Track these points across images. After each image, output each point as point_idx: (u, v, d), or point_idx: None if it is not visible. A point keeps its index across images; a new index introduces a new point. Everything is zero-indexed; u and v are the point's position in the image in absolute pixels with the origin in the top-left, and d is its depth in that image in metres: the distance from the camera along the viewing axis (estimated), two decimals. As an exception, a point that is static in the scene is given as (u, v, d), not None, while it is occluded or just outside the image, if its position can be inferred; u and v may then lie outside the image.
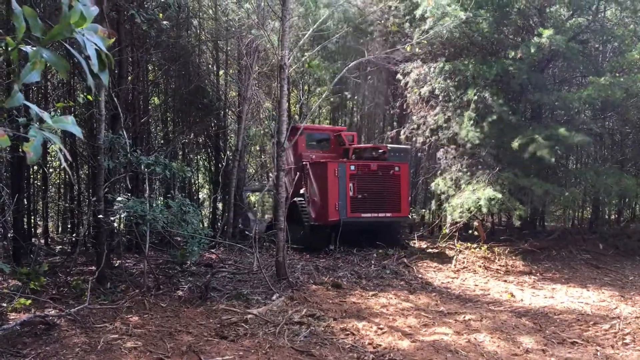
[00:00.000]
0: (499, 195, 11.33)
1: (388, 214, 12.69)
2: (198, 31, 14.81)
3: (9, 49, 1.87)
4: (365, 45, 14.35)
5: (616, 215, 17.32)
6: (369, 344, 6.60)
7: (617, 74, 11.96)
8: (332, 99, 16.17)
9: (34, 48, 1.89)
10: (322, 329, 7.07)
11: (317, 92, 19.31)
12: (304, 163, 13.25)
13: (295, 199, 13.03)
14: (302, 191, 13.12)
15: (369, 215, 12.43)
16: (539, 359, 6.25)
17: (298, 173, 13.38)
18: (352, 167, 12.36)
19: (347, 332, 6.98)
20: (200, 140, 16.32)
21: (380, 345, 6.53)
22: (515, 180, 11.76)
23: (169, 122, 16.05)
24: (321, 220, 12.32)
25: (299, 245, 12.51)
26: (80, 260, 11.09)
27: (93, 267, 9.56)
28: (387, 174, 12.80)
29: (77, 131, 2.10)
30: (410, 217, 13.75)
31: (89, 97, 8.41)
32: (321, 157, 13.44)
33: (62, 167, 15.23)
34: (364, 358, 6.08)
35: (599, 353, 6.49)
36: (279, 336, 6.78)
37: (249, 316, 7.47)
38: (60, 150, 2.09)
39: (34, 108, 1.96)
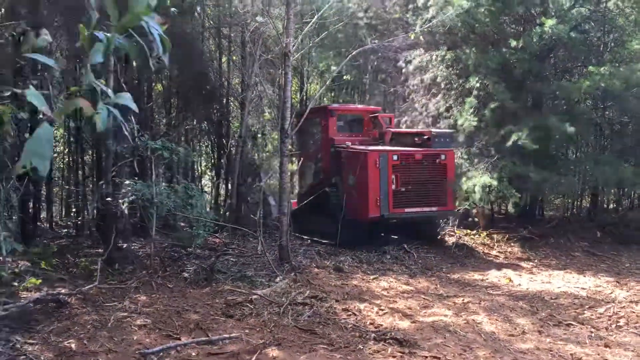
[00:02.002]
0: (495, 183, 11.49)
1: (434, 208, 11.54)
2: (202, 17, 14.89)
3: (86, 34, 2.07)
4: (368, 33, 14.47)
5: (614, 204, 17.48)
6: (371, 323, 6.82)
7: (618, 64, 12.10)
8: (333, 88, 16.27)
9: (108, 35, 2.09)
10: (325, 309, 7.29)
11: (317, 81, 19.48)
12: (337, 149, 12.20)
13: (327, 188, 12.17)
14: (334, 180, 12.13)
15: (413, 210, 11.23)
16: (534, 339, 6.48)
17: (330, 159, 12.44)
18: (395, 157, 11.14)
19: (349, 313, 7.21)
20: (203, 127, 16.45)
21: (381, 325, 6.76)
22: (514, 168, 11.94)
23: (173, 108, 16.17)
24: (359, 215, 11.17)
25: (331, 241, 11.66)
26: (86, 243, 11.32)
27: (99, 250, 9.77)
28: (433, 163, 11.57)
29: (134, 106, 2.34)
30: (457, 210, 12.45)
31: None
32: (355, 141, 12.36)
33: (65, 151, 15.42)
34: (366, 336, 6.30)
35: (592, 334, 6.72)
36: (283, 316, 7.01)
37: (254, 297, 7.69)
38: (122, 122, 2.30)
39: (101, 86, 2.16)
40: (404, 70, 13.91)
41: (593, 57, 13.51)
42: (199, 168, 18.19)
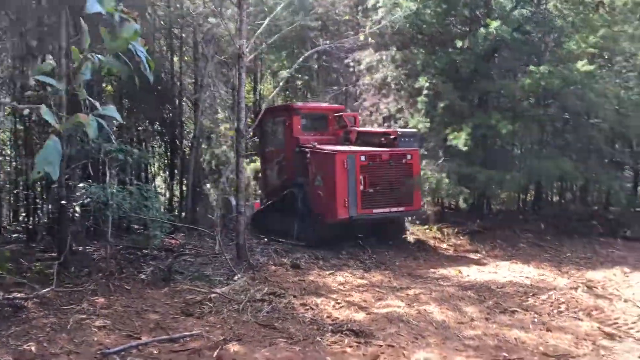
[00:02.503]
0: (446, 181, 11.94)
1: (401, 208, 11.46)
2: (153, 18, 14.81)
3: (80, 56, 2.29)
4: (319, 34, 14.71)
5: (557, 197, 18.29)
6: (328, 317, 7.07)
7: (557, 64, 12.70)
8: (287, 88, 16.44)
9: (102, 57, 2.33)
10: (283, 305, 7.50)
11: (270, 81, 19.64)
12: (303, 149, 11.94)
13: (292, 189, 11.96)
14: (300, 180, 11.88)
15: (381, 210, 11.13)
16: (482, 325, 6.85)
17: (294, 159, 12.18)
18: (363, 158, 10.99)
19: (307, 307, 7.43)
20: (156, 128, 16.35)
21: (338, 318, 7.01)
22: (459, 169, 12.38)
23: (124, 109, 16.01)
24: (328, 217, 11.00)
25: (299, 242, 11.45)
26: (38, 247, 11.17)
27: (53, 254, 9.69)
28: (400, 163, 11.46)
29: (118, 116, 2.63)
30: (423, 209, 12.49)
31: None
32: (319, 141, 12.11)
33: (12, 154, 15.08)
34: (324, 329, 6.54)
35: (536, 320, 7.15)
36: (243, 312, 7.18)
37: (213, 295, 7.83)
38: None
39: (91, 100, 2.38)
40: (354, 70, 14.20)
41: (535, 56, 14.14)
42: (152, 169, 18.07)
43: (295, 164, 12.10)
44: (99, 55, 2.51)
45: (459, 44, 12.59)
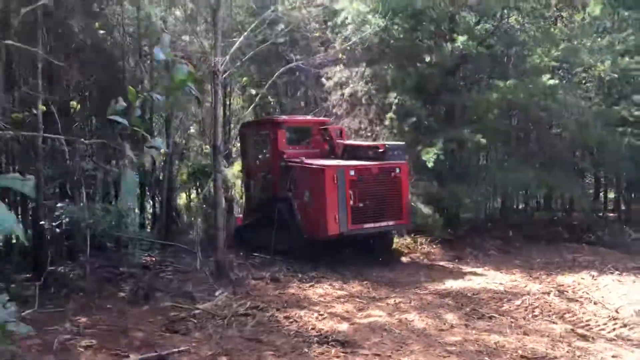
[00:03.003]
0: (420, 206, 12.27)
1: (390, 222, 11.38)
2: (122, 35, 14.78)
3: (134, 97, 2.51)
4: (290, 50, 14.91)
5: (523, 205, 18.85)
6: (312, 328, 7.20)
7: (521, 77, 13.19)
8: (259, 104, 16.53)
9: (161, 97, 2.55)
10: (267, 318, 7.60)
11: (240, 96, 19.74)
12: (289, 164, 11.76)
13: (278, 204, 11.71)
14: (286, 195, 11.69)
15: (371, 225, 11.03)
16: (462, 332, 7.09)
17: (280, 174, 11.94)
18: (352, 172, 10.83)
19: (291, 320, 7.55)
20: (128, 145, 16.23)
21: (322, 329, 7.15)
22: (430, 189, 12.68)
23: (92, 128, 15.87)
24: (318, 233, 10.87)
25: (288, 258, 11.30)
26: (10, 268, 10.98)
27: (28, 274, 9.57)
28: (389, 177, 11.36)
29: (164, 147, 2.99)
30: (411, 223, 12.25)
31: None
32: (305, 155, 12.00)
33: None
34: (310, 341, 6.68)
35: (512, 324, 7.44)
36: (228, 327, 7.26)
37: (196, 311, 7.88)
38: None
39: (144, 133, 2.60)
40: (325, 86, 14.43)
41: (498, 69, 14.65)
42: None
43: (281, 178, 11.91)
44: (157, 95, 2.70)
45: (427, 58, 12.95)
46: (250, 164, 13.44)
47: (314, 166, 11.20)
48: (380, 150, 11.60)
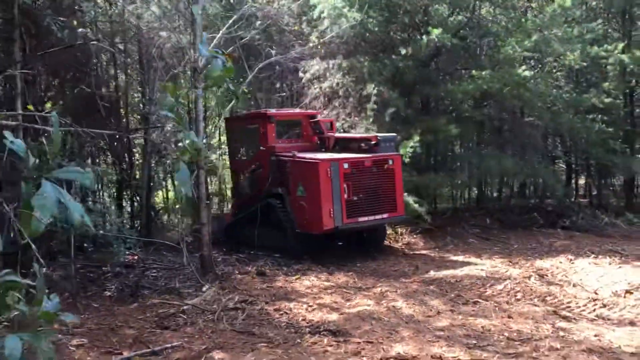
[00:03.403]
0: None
1: (385, 215, 11.23)
2: (95, 33, 14.59)
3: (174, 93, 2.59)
4: (268, 45, 14.88)
5: (498, 193, 19.21)
6: (303, 319, 7.30)
7: (494, 67, 13.44)
8: (236, 97, 16.47)
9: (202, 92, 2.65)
10: (257, 311, 7.67)
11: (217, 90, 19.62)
12: (280, 158, 11.62)
13: (269, 199, 11.62)
14: (278, 190, 11.54)
15: (365, 218, 10.92)
16: (448, 317, 7.28)
17: (271, 168, 11.76)
18: (346, 165, 10.70)
19: (281, 312, 7.64)
20: (102, 144, 16.06)
21: (312, 320, 7.25)
22: (411, 179, 12.86)
23: (69, 127, 15.62)
24: (312, 228, 10.73)
25: (281, 255, 11.23)
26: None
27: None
28: (382, 169, 11.24)
29: (198, 140, 3.03)
30: (406, 215, 12.03)
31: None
32: (295, 148, 11.82)
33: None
34: (301, 331, 6.78)
35: (497, 308, 7.65)
36: (219, 322, 7.31)
37: (185, 307, 7.91)
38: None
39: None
40: (302, 79, 14.48)
41: (472, 60, 14.90)
42: (100, 186, 17.73)
43: (272, 173, 11.73)
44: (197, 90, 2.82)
45: (403, 51, 13.10)
46: (237, 159, 13.28)
47: (307, 160, 11.03)
48: (372, 142, 11.48)
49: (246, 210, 12.24)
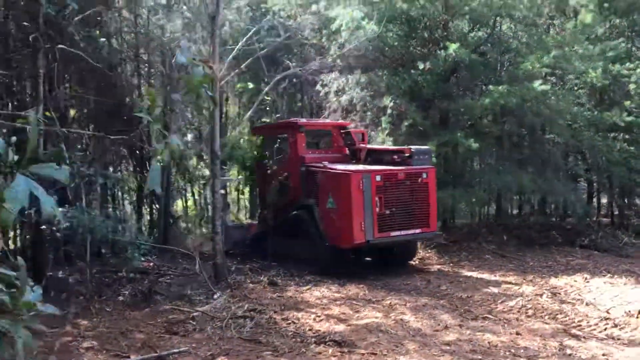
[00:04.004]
0: None
1: (417, 230, 10.86)
2: (120, 43, 14.92)
3: (154, 98, 2.67)
4: (288, 57, 15.09)
5: (518, 210, 19.03)
6: (309, 329, 7.34)
7: (513, 83, 13.40)
8: (254, 109, 16.70)
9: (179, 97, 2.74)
10: (265, 320, 7.73)
11: (236, 102, 19.95)
12: (310, 169, 11.33)
13: (299, 211, 11.34)
14: (307, 202, 11.25)
15: (397, 233, 10.57)
16: (456, 332, 7.25)
17: (300, 179, 11.51)
18: (378, 178, 10.37)
19: (289, 322, 7.69)
20: (125, 152, 16.36)
21: (319, 330, 7.29)
22: None
23: (92, 136, 15.97)
24: (343, 242, 10.39)
25: (311, 268, 10.88)
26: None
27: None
28: (415, 182, 10.89)
29: (182, 144, 3.14)
30: (439, 232, 11.66)
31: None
32: (326, 159, 11.57)
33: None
34: (307, 341, 6.82)
35: (506, 324, 7.60)
36: (227, 329, 7.38)
37: (195, 314, 8.01)
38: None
39: (161, 129, 2.73)
40: (321, 93, 14.61)
41: (491, 76, 14.87)
42: (120, 193, 18.03)
43: (302, 184, 11.47)
44: (176, 94, 2.92)
45: (421, 65, 13.14)
46: (265, 169, 12.87)
47: (338, 171, 10.71)
48: (406, 154, 11.19)
49: (273, 222, 11.99)
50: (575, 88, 16.29)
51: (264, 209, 13.00)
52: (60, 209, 8.86)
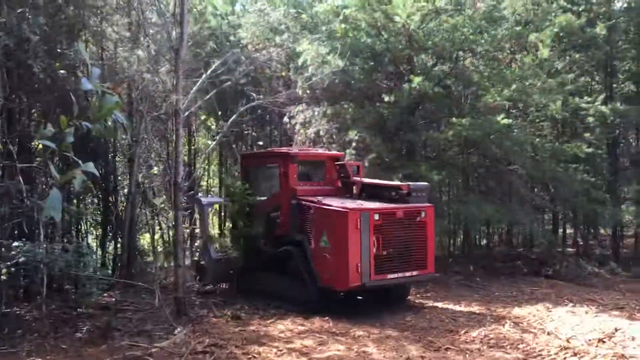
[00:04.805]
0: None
1: (414, 272, 10.33)
2: (85, 74, 14.84)
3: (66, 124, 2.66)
4: (254, 90, 15.19)
5: (485, 241, 19.23)
6: (270, 364, 7.22)
7: (476, 116, 13.67)
8: (221, 140, 16.66)
9: (89, 125, 2.70)
10: (225, 355, 7.59)
11: (203, 134, 19.94)
12: (302, 202, 10.73)
13: (289, 247, 10.78)
14: (298, 237, 10.66)
15: (395, 275, 10.04)
16: (418, 363, 7.19)
17: (291, 213, 10.93)
18: (377, 216, 9.80)
19: (249, 356, 7.56)
20: (88, 184, 16.12)
21: (280, 364, 7.17)
22: None
23: (56, 167, 15.75)
24: (337, 283, 9.82)
25: (301, 308, 10.27)
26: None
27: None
28: (414, 221, 10.34)
29: (96, 172, 3.15)
30: (435, 273, 11.12)
31: None
32: (318, 192, 11.11)
33: None
34: (267, 376, 6.69)
35: (467, 355, 7.57)
36: (185, 365, 7.22)
37: (154, 350, 7.82)
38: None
39: (74, 159, 2.69)
40: (288, 125, 14.70)
41: (455, 108, 15.15)
42: (84, 226, 17.70)
43: (292, 218, 10.88)
44: (86, 123, 2.87)
45: (387, 98, 13.34)
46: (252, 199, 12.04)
47: (334, 208, 10.05)
48: (403, 191, 10.59)
49: (260, 256, 11.46)
50: (537, 120, 16.71)
51: (251, 242, 11.88)
52: (14, 244, 8.69)
